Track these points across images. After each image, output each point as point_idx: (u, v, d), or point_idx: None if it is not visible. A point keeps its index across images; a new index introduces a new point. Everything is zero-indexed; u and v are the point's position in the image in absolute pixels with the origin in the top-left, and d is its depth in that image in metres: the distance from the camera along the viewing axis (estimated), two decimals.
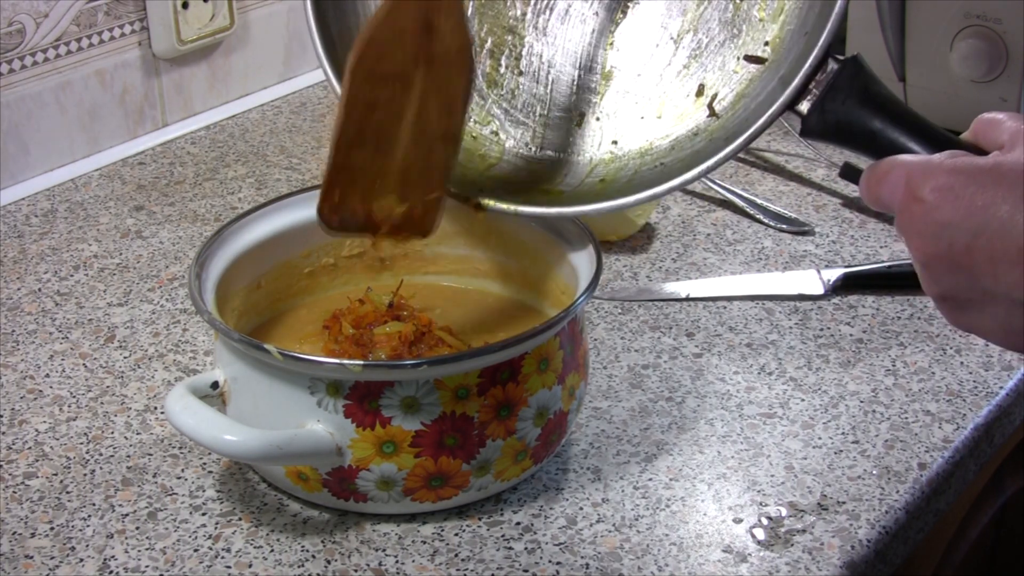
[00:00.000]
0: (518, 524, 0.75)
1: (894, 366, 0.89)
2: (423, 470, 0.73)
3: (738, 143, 0.70)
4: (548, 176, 0.81)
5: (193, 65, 1.25)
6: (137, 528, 0.75)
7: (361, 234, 0.76)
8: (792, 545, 0.74)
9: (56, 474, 0.80)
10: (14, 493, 0.78)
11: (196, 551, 0.73)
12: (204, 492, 0.78)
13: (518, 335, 0.72)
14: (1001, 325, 0.62)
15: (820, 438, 0.82)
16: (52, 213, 1.10)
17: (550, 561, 0.73)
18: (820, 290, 0.98)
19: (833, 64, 0.69)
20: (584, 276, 0.78)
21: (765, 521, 0.76)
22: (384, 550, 0.73)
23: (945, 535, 0.98)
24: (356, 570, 0.72)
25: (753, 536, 0.74)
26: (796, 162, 1.17)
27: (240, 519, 0.76)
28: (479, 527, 0.75)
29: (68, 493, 0.78)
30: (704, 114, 0.78)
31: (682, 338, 0.92)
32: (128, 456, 0.81)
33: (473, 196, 0.77)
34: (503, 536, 0.74)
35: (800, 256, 1.03)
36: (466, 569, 0.72)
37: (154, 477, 0.79)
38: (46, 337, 0.93)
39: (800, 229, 1.06)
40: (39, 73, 1.13)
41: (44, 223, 1.09)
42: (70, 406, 0.86)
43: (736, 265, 1.02)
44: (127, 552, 0.73)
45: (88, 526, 0.75)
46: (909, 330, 0.93)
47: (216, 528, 0.75)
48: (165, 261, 1.03)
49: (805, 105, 0.70)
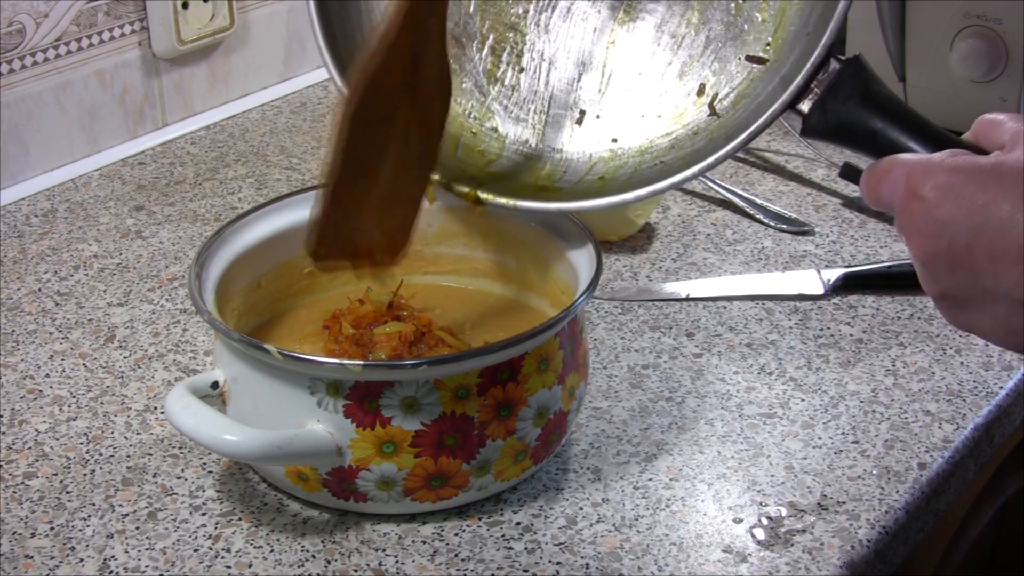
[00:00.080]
0: (518, 524, 0.75)
1: (894, 366, 0.89)
2: (423, 470, 0.73)
3: (739, 140, 0.70)
4: (547, 173, 0.81)
5: (193, 65, 1.25)
6: (137, 528, 0.75)
7: (346, 266, 0.76)
8: (792, 545, 0.74)
9: (56, 474, 0.80)
10: (14, 493, 0.78)
11: (196, 551, 0.73)
12: (204, 492, 0.78)
13: (518, 335, 0.72)
14: (1001, 324, 0.62)
15: (820, 438, 0.82)
16: (52, 213, 1.10)
17: (550, 561, 0.73)
18: (820, 290, 0.98)
19: (835, 64, 0.69)
20: (584, 276, 0.78)
21: (765, 521, 0.75)
22: (384, 550, 0.73)
23: (945, 535, 0.98)
24: (356, 570, 0.72)
25: (753, 536, 0.74)
26: (796, 162, 1.17)
27: (240, 519, 0.76)
28: (479, 527, 0.75)
29: (68, 493, 0.78)
30: (705, 113, 0.78)
31: (682, 338, 0.92)
32: (128, 456, 0.81)
33: (472, 191, 0.78)
34: (503, 536, 0.74)
35: (800, 256, 1.03)
36: (466, 569, 0.72)
37: (154, 477, 0.79)
38: (46, 337, 0.93)
39: (800, 229, 1.06)
40: (39, 73, 1.13)
41: (44, 223, 1.09)
42: (70, 406, 0.86)
43: (736, 265, 1.02)
44: (127, 552, 0.73)
45: (88, 526, 0.75)
46: (909, 330, 0.93)
47: (216, 528, 0.75)
48: (165, 261, 1.03)
49: (806, 104, 0.70)
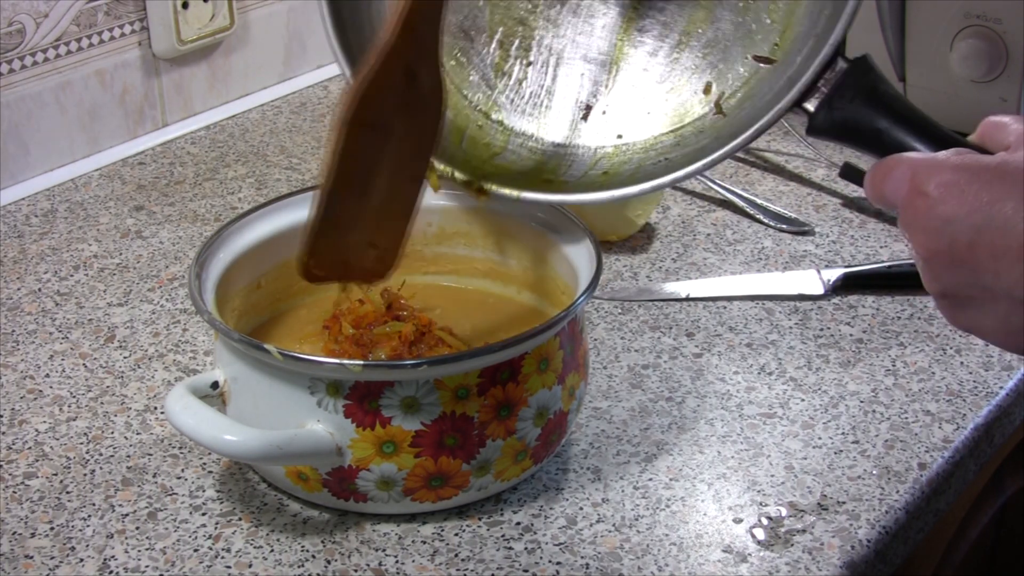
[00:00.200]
0: (518, 524, 0.75)
1: (894, 366, 0.89)
2: (423, 470, 0.73)
3: (747, 135, 0.70)
4: (551, 167, 0.81)
5: (193, 65, 1.25)
6: (137, 528, 0.75)
7: (337, 281, 0.76)
8: (792, 545, 0.74)
9: (56, 474, 0.79)
10: (14, 493, 0.78)
11: (196, 551, 0.73)
12: (204, 492, 0.78)
13: (518, 335, 0.72)
14: (1001, 324, 0.62)
15: (820, 438, 0.82)
16: (52, 213, 1.10)
17: (550, 561, 0.73)
18: (820, 290, 0.98)
19: (843, 63, 0.69)
20: (584, 276, 0.78)
21: (765, 521, 0.75)
22: (384, 550, 0.73)
23: (945, 535, 0.98)
24: (356, 570, 0.72)
25: (753, 536, 0.74)
26: (796, 162, 1.17)
27: (240, 519, 0.76)
28: (479, 527, 0.75)
29: (68, 493, 0.78)
30: (711, 112, 0.78)
31: (682, 338, 0.92)
32: (128, 456, 0.81)
33: (475, 180, 0.78)
34: (503, 536, 0.74)
35: (800, 256, 1.03)
36: (466, 569, 0.72)
37: (154, 477, 0.79)
38: (46, 337, 0.93)
39: (800, 229, 1.06)
40: (39, 73, 1.13)
41: (44, 223, 1.09)
42: (70, 406, 0.86)
43: (736, 265, 1.02)
44: (127, 552, 0.73)
45: (88, 526, 0.75)
46: (909, 330, 0.93)
47: (216, 528, 0.75)
48: (165, 261, 1.03)
49: (813, 103, 0.70)
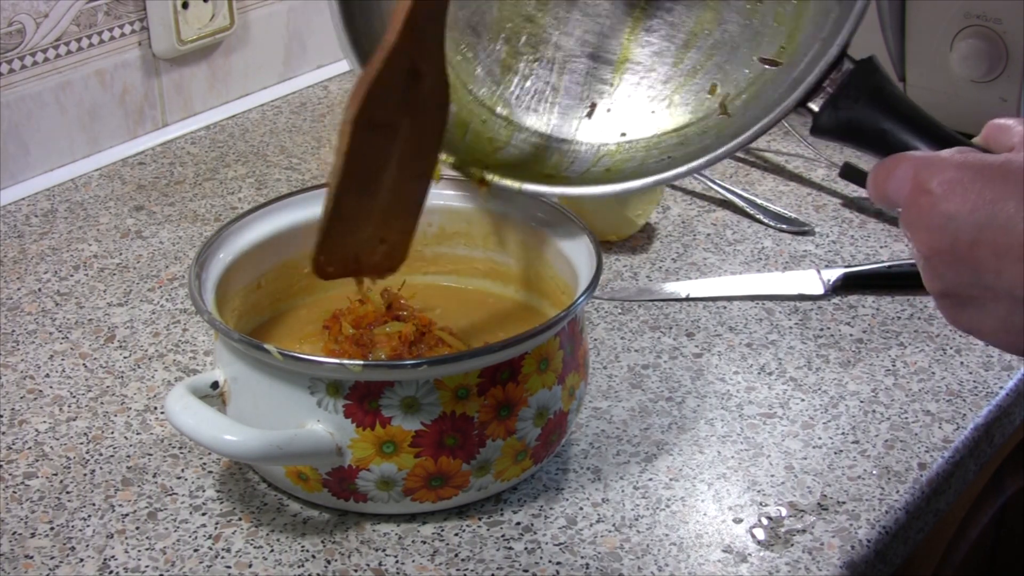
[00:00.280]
0: (518, 524, 0.75)
1: (894, 366, 0.89)
2: (423, 470, 0.73)
3: (751, 133, 0.71)
4: (554, 163, 0.81)
5: (193, 65, 1.25)
6: (137, 528, 0.75)
7: (349, 277, 0.77)
8: (792, 545, 0.74)
9: (56, 474, 0.79)
10: (14, 493, 0.78)
11: (196, 551, 0.73)
12: (204, 492, 0.78)
13: (518, 335, 0.72)
14: (1002, 323, 0.62)
15: (820, 438, 0.82)
16: (52, 213, 1.10)
17: (550, 561, 0.73)
18: (820, 290, 0.98)
19: (848, 63, 0.69)
20: (584, 276, 0.78)
21: (765, 521, 0.75)
22: (384, 550, 0.73)
23: (945, 535, 0.98)
24: (356, 570, 0.72)
25: (753, 536, 0.74)
26: (796, 162, 1.17)
27: (240, 519, 0.76)
28: (479, 527, 0.75)
29: (68, 493, 0.78)
30: (716, 112, 0.78)
31: (682, 338, 0.92)
32: (128, 456, 0.81)
33: (478, 172, 0.78)
34: (503, 536, 0.74)
35: (800, 256, 1.03)
36: (466, 569, 0.72)
37: (154, 477, 0.79)
38: (46, 337, 0.93)
39: (800, 229, 1.06)
40: (39, 73, 1.13)
41: (44, 223, 1.09)
42: (70, 406, 0.86)
43: (736, 265, 1.02)
44: (127, 552, 0.73)
45: (88, 526, 0.75)
46: (909, 330, 0.93)
47: (216, 528, 0.75)
48: (165, 261, 1.03)
49: (817, 103, 0.70)
